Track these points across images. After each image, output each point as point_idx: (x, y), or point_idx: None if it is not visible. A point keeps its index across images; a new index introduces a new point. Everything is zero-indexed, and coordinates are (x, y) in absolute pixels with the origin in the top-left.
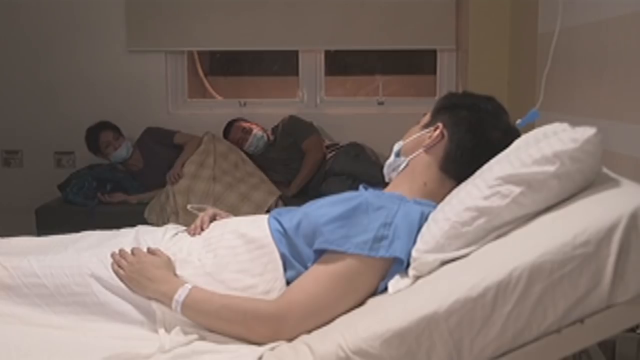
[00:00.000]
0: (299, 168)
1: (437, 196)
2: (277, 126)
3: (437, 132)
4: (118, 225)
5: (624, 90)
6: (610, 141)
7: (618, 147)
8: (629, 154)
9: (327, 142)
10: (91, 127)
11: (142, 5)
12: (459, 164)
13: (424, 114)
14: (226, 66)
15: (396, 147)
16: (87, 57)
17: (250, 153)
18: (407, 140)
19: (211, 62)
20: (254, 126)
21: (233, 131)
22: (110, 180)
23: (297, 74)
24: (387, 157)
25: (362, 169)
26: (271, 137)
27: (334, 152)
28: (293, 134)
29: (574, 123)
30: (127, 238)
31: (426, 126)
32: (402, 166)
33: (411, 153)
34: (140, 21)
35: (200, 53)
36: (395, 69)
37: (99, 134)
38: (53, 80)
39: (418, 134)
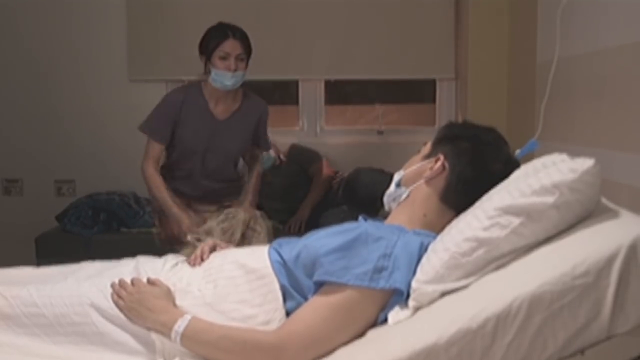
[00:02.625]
0: (301, 196)
1: (437, 227)
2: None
3: (439, 163)
4: (115, 255)
5: (623, 120)
6: (609, 170)
7: (617, 176)
8: (628, 183)
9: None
10: None
11: (143, 35)
12: (460, 195)
13: (424, 144)
14: None
15: (396, 178)
16: (88, 86)
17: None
18: (408, 171)
19: None
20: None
21: None
22: (105, 210)
23: (297, 103)
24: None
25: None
26: (283, 159)
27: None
28: (299, 161)
29: (573, 152)
30: (126, 268)
31: (427, 157)
32: (402, 196)
33: (412, 183)
34: (141, 51)
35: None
36: (395, 98)
37: None
38: (54, 108)
39: (419, 165)
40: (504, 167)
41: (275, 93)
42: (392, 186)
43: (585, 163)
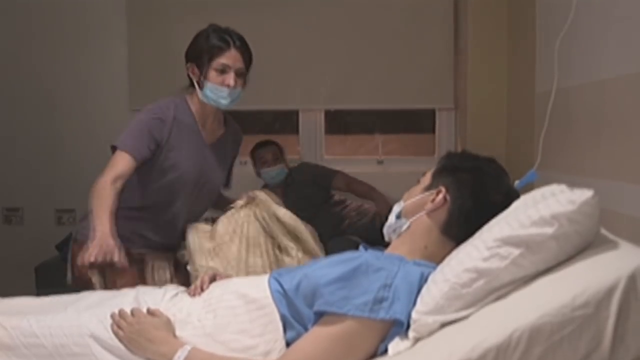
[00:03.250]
0: (320, 204)
1: (437, 257)
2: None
3: (440, 196)
4: None
5: (622, 150)
6: (608, 200)
7: (616, 206)
8: (627, 213)
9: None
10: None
11: (144, 65)
12: (461, 227)
13: (424, 174)
14: None
15: (397, 209)
16: (89, 116)
17: (265, 181)
18: (408, 202)
19: None
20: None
21: (266, 150)
22: None
23: (297, 132)
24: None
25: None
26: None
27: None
28: (311, 174)
29: (572, 182)
30: (126, 298)
31: (427, 188)
32: (403, 228)
33: (412, 215)
34: (142, 81)
35: None
36: (395, 127)
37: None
38: (55, 137)
39: (419, 197)
40: (504, 198)
41: (275, 123)
42: (392, 217)
43: (583, 194)
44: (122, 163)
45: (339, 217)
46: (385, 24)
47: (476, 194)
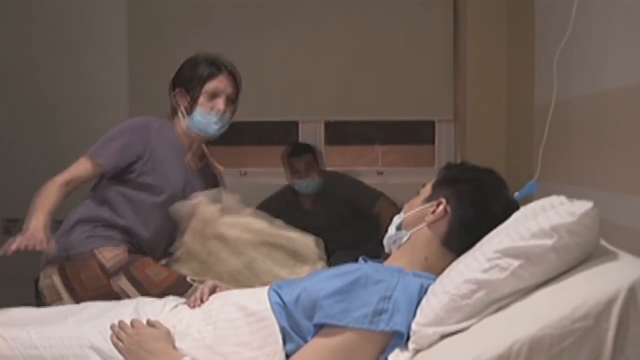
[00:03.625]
0: (346, 219)
1: (438, 269)
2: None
3: (441, 208)
4: None
5: (621, 162)
6: (608, 212)
7: (616, 218)
8: (627, 224)
9: None
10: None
11: (144, 78)
12: (462, 239)
13: (423, 185)
14: (227, 136)
15: (397, 221)
16: (90, 128)
17: (298, 191)
18: (409, 215)
19: None
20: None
21: (299, 160)
22: None
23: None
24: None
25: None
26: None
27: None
28: (349, 194)
29: (572, 194)
30: (127, 310)
31: (428, 200)
32: (404, 240)
33: (413, 227)
34: (143, 94)
35: None
36: (395, 139)
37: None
38: (56, 149)
39: (420, 208)
40: (504, 209)
41: (275, 134)
42: (393, 229)
43: (584, 206)
44: (79, 167)
45: (366, 235)
46: (385, 36)
47: (477, 205)
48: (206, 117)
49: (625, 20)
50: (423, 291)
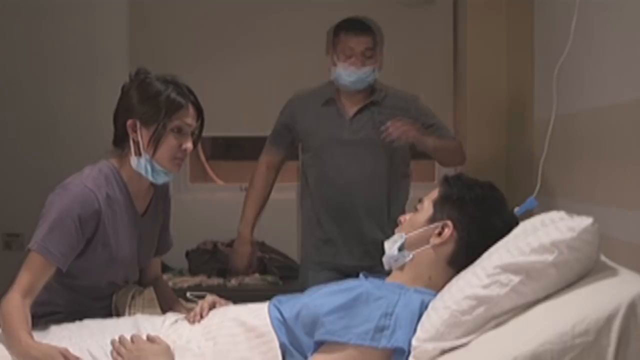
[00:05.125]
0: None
1: (439, 286)
2: None
3: (448, 231)
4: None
5: (621, 177)
6: (608, 227)
7: (616, 233)
8: (626, 239)
9: None
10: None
11: None
12: (468, 258)
13: (420, 200)
14: (227, 151)
15: (399, 240)
16: (90, 145)
17: (343, 86)
18: (412, 235)
19: (213, 146)
20: None
21: (364, 37)
22: None
23: (297, 158)
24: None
25: None
26: None
27: None
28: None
29: (572, 209)
30: (126, 325)
31: (431, 220)
32: (407, 260)
33: (416, 248)
34: None
35: (202, 138)
36: None
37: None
38: (56, 163)
39: (423, 229)
40: (504, 225)
41: None
42: (394, 249)
43: (583, 222)
44: (38, 273)
45: None
46: (385, 51)
47: (482, 226)
48: (172, 161)
49: (624, 36)
50: (424, 307)
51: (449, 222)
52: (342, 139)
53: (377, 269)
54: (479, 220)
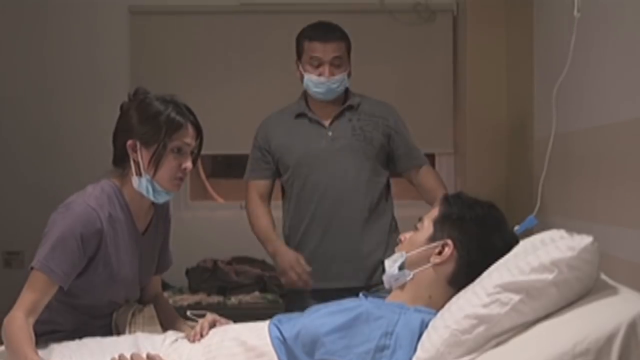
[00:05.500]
0: None
1: (439, 305)
2: None
3: (448, 251)
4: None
5: (621, 195)
6: (608, 245)
7: (616, 251)
8: (627, 258)
9: None
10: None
11: None
12: (468, 277)
13: (420, 219)
14: (227, 169)
15: (399, 259)
16: (90, 161)
17: (314, 95)
18: (413, 254)
19: (213, 164)
20: None
21: (333, 44)
22: None
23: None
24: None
25: None
26: None
27: None
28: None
29: (572, 227)
30: (126, 343)
31: (431, 239)
32: (407, 279)
33: (416, 267)
34: None
35: (202, 155)
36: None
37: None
38: (56, 181)
39: (423, 248)
40: (505, 244)
41: None
42: (395, 268)
43: (583, 240)
44: (41, 291)
45: None
46: (385, 69)
47: (482, 245)
48: (172, 181)
49: (623, 55)
50: (424, 326)
51: (449, 241)
52: (320, 150)
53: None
54: (479, 239)
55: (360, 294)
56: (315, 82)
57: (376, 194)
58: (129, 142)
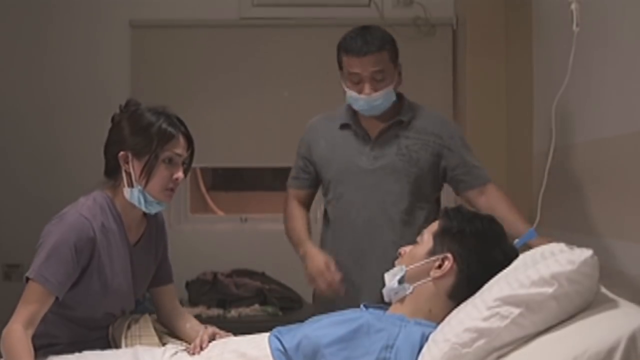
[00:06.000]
0: None
1: (439, 318)
2: None
3: (448, 264)
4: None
5: (621, 208)
6: (608, 259)
7: (616, 264)
8: (626, 271)
9: None
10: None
11: None
12: (468, 291)
13: (419, 233)
14: (228, 181)
15: (399, 273)
16: (89, 172)
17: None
18: (412, 268)
19: (213, 177)
20: None
21: (374, 56)
22: None
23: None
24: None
25: None
26: None
27: None
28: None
29: (572, 241)
30: (126, 356)
31: (431, 253)
32: (407, 292)
33: (416, 280)
34: None
35: (202, 169)
36: None
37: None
38: (55, 194)
39: (423, 262)
40: (504, 257)
41: (275, 180)
42: (395, 282)
43: (583, 254)
44: (37, 302)
45: None
46: None
47: (482, 259)
48: (163, 192)
49: (622, 69)
50: (424, 339)
51: (449, 255)
52: (358, 167)
53: None
54: (479, 253)
55: (362, 305)
56: (356, 98)
57: (416, 221)
58: (121, 154)
